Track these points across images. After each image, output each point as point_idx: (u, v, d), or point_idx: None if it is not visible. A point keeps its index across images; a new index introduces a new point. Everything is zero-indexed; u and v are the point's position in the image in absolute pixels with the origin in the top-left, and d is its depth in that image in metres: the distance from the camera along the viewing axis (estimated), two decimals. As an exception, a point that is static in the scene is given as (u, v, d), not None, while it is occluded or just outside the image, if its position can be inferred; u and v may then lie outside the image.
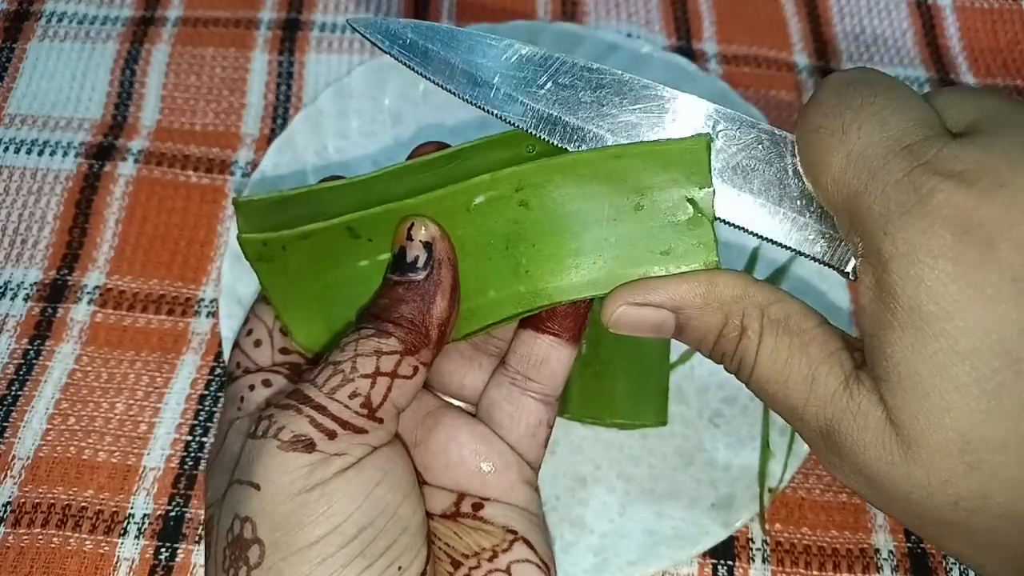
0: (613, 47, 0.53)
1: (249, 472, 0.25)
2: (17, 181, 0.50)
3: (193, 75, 0.54)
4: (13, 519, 0.41)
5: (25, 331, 0.46)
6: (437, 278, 0.27)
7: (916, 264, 0.21)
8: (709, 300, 0.26)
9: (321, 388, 0.26)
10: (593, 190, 0.27)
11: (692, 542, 0.40)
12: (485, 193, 0.27)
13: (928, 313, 0.21)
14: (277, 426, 0.26)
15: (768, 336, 0.25)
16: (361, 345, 0.26)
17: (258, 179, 0.48)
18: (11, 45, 0.55)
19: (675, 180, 0.26)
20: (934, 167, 0.22)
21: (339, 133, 0.51)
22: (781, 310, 0.25)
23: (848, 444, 0.23)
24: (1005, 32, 0.58)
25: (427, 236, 0.27)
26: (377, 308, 0.27)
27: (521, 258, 0.28)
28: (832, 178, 0.24)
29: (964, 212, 0.21)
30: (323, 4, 0.57)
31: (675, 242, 0.27)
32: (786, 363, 0.25)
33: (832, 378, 0.24)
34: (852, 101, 0.24)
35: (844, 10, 0.59)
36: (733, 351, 0.26)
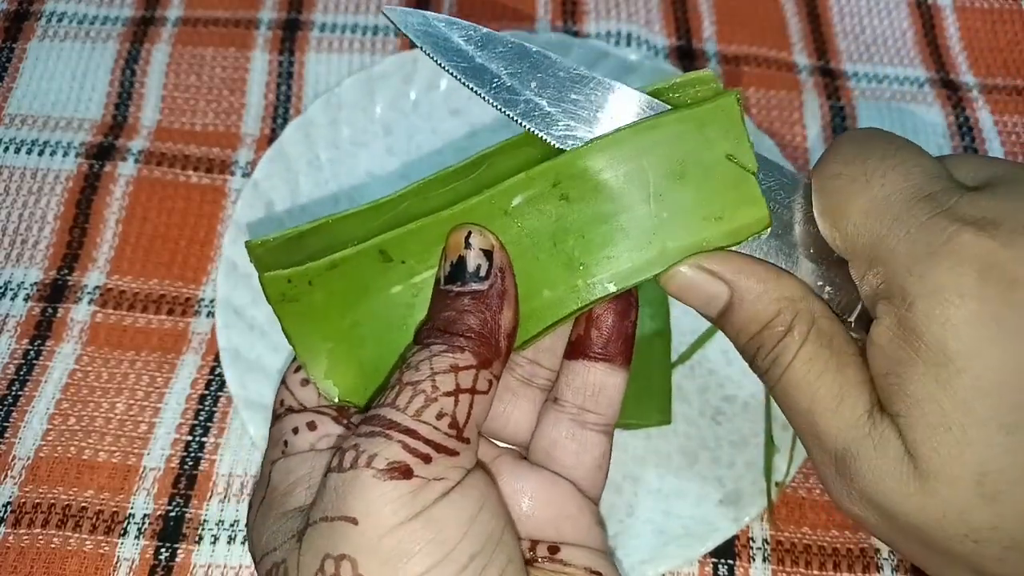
0: (603, 55, 0.53)
1: (340, 508, 0.24)
2: (17, 181, 0.50)
3: (193, 75, 0.54)
4: (13, 519, 0.41)
5: (25, 331, 0.46)
6: (501, 287, 0.26)
7: (942, 303, 0.22)
8: (770, 290, 0.26)
9: (405, 411, 0.25)
10: (632, 168, 0.26)
11: (702, 540, 0.40)
12: (522, 193, 0.27)
13: (953, 350, 0.22)
14: (368, 455, 0.24)
15: (811, 343, 0.25)
16: (436, 362, 0.25)
17: (251, 189, 0.48)
18: (11, 45, 0.55)
19: (711, 140, 0.26)
20: (956, 213, 0.23)
21: (330, 143, 0.51)
22: (830, 327, 0.26)
23: (863, 471, 0.24)
24: (1005, 32, 0.58)
25: (486, 244, 0.27)
26: (442, 322, 0.26)
27: (572, 251, 0.27)
28: (854, 222, 0.24)
29: (987, 254, 0.22)
30: (323, 4, 0.57)
31: (724, 204, 0.26)
32: (820, 375, 0.25)
33: (860, 404, 0.24)
34: (873, 152, 0.25)
35: (844, 10, 0.59)
36: (772, 346, 0.26)
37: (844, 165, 0.25)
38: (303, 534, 0.25)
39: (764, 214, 0.26)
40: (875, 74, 0.56)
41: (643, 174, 0.26)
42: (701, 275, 0.27)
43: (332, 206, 0.49)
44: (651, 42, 0.56)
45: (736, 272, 0.26)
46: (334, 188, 0.50)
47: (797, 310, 0.26)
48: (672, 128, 0.26)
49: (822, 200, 0.26)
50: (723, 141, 0.26)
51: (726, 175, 0.26)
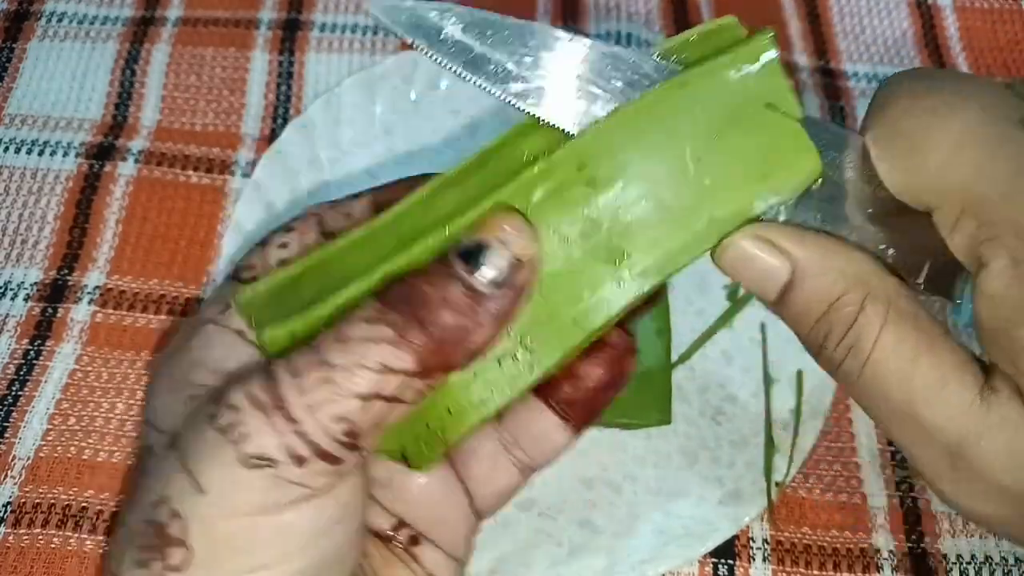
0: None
1: (196, 466, 0.22)
2: (17, 181, 0.50)
3: (193, 75, 0.54)
4: (13, 519, 0.41)
5: (25, 331, 0.46)
6: (504, 307, 0.22)
7: None
8: (837, 264, 0.23)
9: (304, 394, 0.21)
10: (664, 134, 0.23)
11: (702, 539, 0.40)
12: (542, 185, 0.23)
13: None
14: (241, 431, 0.21)
15: (894, 325, 0.22)
16: (370, 351, 0.21)
17: (251, 189, 0.48)
18: (11, 45, 0.55)
19: (748, 90, 0.23)
20: None
21: (331, 143, 0.51)
22: (911, 305, 0.23)
23: (989, 457, 0.21)
24: (1005, 32, 0.58)
25: (524, 253, 0.23)
26: (417, 295, 0.22)
27: (610, 240, 0.24)
28: (942, 159, 0.22)
29: None
30: (323, 4, 0.57)
31: (771, 159, 0.23)
32: (913, 359, 0.22)
33: (966, 388, 0.21)
34: (944, 83, 0.22)
35: (844, 10, 0.59)
36: (845, 330, 0.22)
37: (914, 100, 0.22)
38: (171, 447, 0.23)
39: (816, 163, 0.23)
40: (875, 74, 0.56)
41: (677, 138, 0.23)
42: (758, 245, 0.23)
43: (332, 206, 0.49)
44: (651, 42, 0.56)
45: (798, 243, 0.23)
46: (334, 188, 0.50)
47: (869, 287, 0.23)
48: (702, 83, 0.23)
49: (894, 145, 0.23)
50: (760, 88, 0.23)
51: (767, 127, 0.23)
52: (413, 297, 0.22)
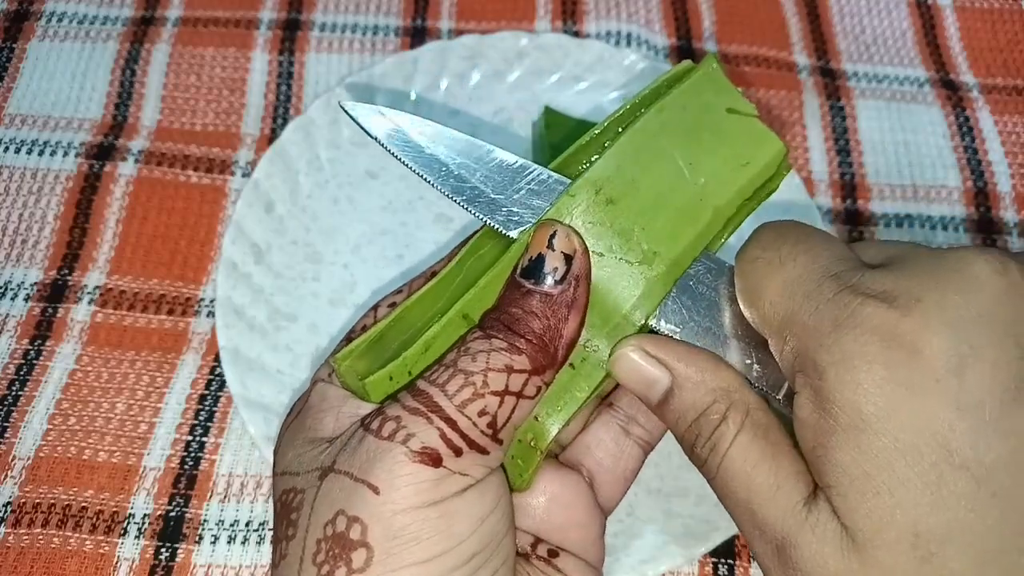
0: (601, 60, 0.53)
1: (368, 472, 0.25)
2: (17, 181, 0.50)
3: (193, 75, 0.54)
4: (13, 519, 0.41)
5: (25, 331, 0.46)
6: (573, 296, 0.27)
7: (851, 369, 0.23)
8: (707, 379, 0.27)
9: (451, 398, 0.25)
10: (656, 152, 0.28)
11: (702, 539, 0.40)
12: (570, 213, 0.28)
13: (868, 414, 0.23)
14: (407, 432, 0.25)
15: (747, 433, 0.26)
16: (493, 358, 0.26)
17: (251, 189, 0.48)
18: (11, 45, 0.55)
19: (710, 103, 0.29)
20: (858, 288, 0.24)
21: (331, 143, 0.51)
22: (764, 417, 0.26)
23: (804, 557, 0.24)
24: (1005, 32, 0.58)
25: (568, 247, 0.27)
26: (508, 317, 0.27)
27: (640, 245, 0.28)
28: (770, 301, 0.26)
29: (889, 323, 0.23)
30: (323, 4, 0.57)
31: (744, 151, 0.29)
32: (756, 464, 0.25)
33: (795, 492, 0.25)
34: (788, 238, 0.27)
35: (844, 10, 0.59)
36: (709, 434, 0.26)
37: (762, 250, 0.27)
38: (326, 475, 0.25)
39: (780, 145, 0.29)
40: (875, 74, 0.56)
41: (667, 152, 0.28)
42: (645, 358, 0.27)
43: (332, 205, 0.49)
44: (651, 42, 0.56)
45: (677, 358, 0.27)
46: (334, 188, 0.50)
47: (732, 400, 0.27)
48: (673, 105, 0.29)
49: (742, 282, 0.27)
50: (719, 99, 0.29)
51: (733, 127, 0.29)
52: (505, 319, 0.27)
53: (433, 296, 0.29)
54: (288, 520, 0.26)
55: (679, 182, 0.28)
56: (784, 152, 0.29)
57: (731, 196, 0.28)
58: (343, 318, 0.46)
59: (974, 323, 0.23)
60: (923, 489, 0.22)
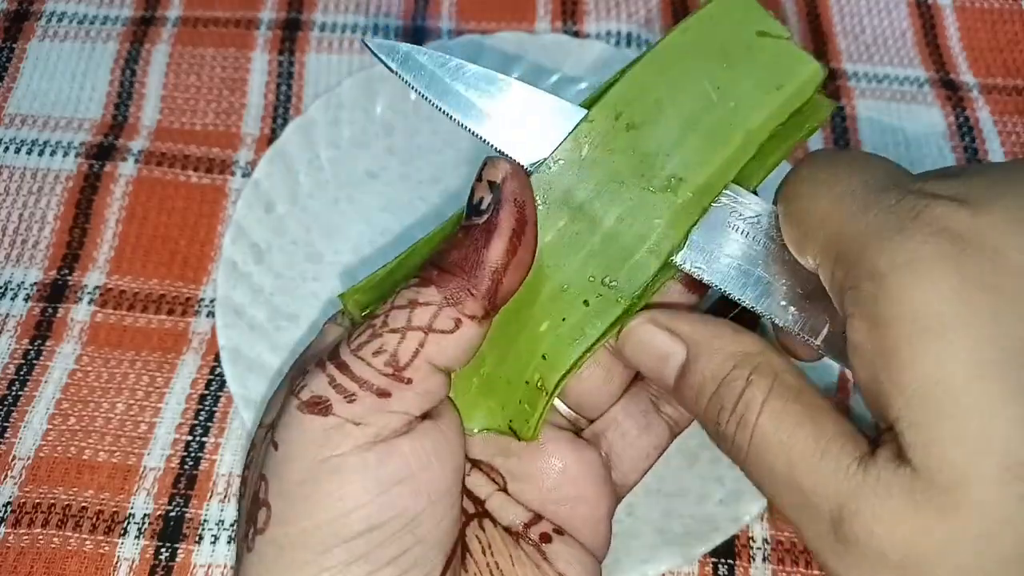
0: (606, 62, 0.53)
1: (276, 428, 0.24)
2: (17, 181, 0.50)
3: (193, 75, 0.54)
4: (13, 519, 0.41)
5: (25, 331, 0.46)
6: (494, 220, 0.25)
7: (921, 272, 0.20)
8: (726, 345, 0.25)
9: (350, 344, 0.24)
10: (682, 72, 0.27)
11: (703, 539, 0.40)
12: (587, 140, 0.26)
13: (944, 320, 0.20)
14: (301, 384, 0.24)
15: (776, 397, 0.23)
16: (398, 297, 0.25)
17: (251, 189, 0.48)
18: (11, 45, 0.55)
19: (739, 25, 0.28)
20: (926, 191, 0.22)
21: (331, 143, 0.50)
22: (796, 380, 0.24)
23: (870, 524, 0.21)
24: (1005, 32, 0.58)
25: (493, 175, 0.25)
26: (435, 256, 0.25)
27: (663, 172, 0.26)
28: (821, 218, 0.23)
29: (963, 224, 0.21)
30: (323, 4, 0.57)
31: (777, 73, 0.27)
32: (794, 430, 0.22)
33: (845, 454, 0.22)
34: (839, 159, 0.25)
35: (844, 10, 0.59)
36: (734, 403, 0.24)
37: (810, 169, 0.25)
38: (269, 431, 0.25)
39: (815, 65, 0.27)
40: (875, 74, 0.56)
41: (694, 74, 0.27)
42: (655, 331, 0.26)
43: (332, 205, 0.49)
44: (651, 42, 0.56)
45: (691, 327, 0.26)
46: (334, 188, 0.50)
47: (756, 363, 0.24)
48: (701, 26, 0.28)
49: (787, 207, 0.25)
50: (749, 22, 0.27)
51: (765, 49, 0.27)
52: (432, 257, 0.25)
53: (440, 236, 0.28)
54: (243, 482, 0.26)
55: (706, 105, 0.27)
56: (821, 74, 0.27)
57: (763, 120, 0.27)
58: (343, 318, 0.46)
59: None
60: (1019, 409, 0.19)
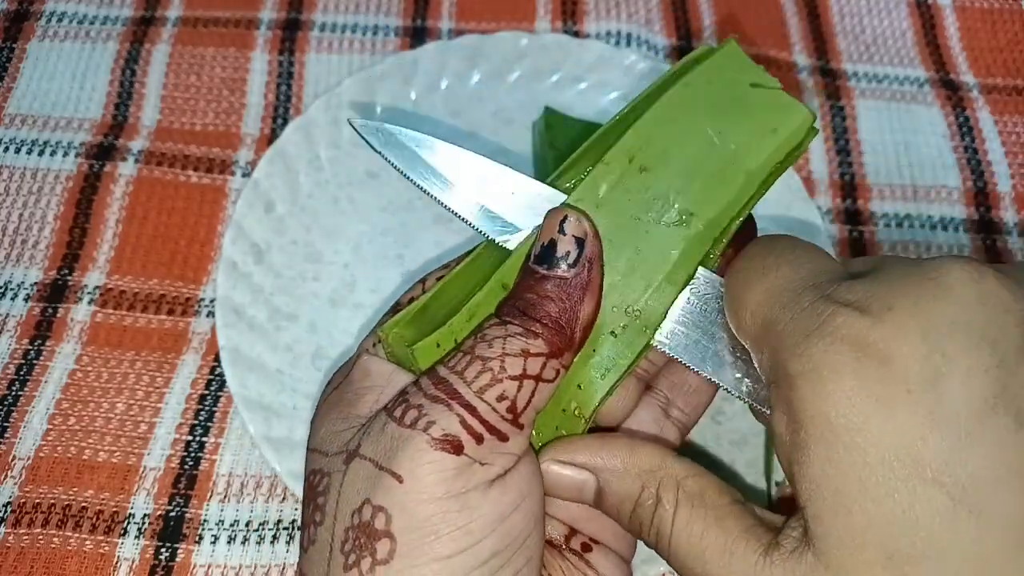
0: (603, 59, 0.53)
1: (392, 460, 0.25)
2: (17, 181, 0.50)
3: (193, 75, 0.54)
4: (13, 519, 0.41)
5: (25, 331, 0.46)
6: (587, 277, 0.27)
7: (820, 380, 0.23)
8: (628, 466, 0.27)
9: (470, 385, 0.25)
10: (686, 123, 0.29)
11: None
12: (605, 181, 0.29)
13: (837, 426, 0.22)
14: (428, 419, 0.25)
15: (683, 508, 0.26)
16: (509, 343, 0.26)
17: (251, 189, 0.48)
18: (11, 45, 0.55)
19: (733, 79, 0.30)
20: (833, 298, 0.24)
21: (331, 143, 0.51)
22: (696, 484, 0.26)
23: None
24: (1005, 32, 0.58)
25: (579, 231, 0.27)
26: (523, 303, 0.27)
27: (676, 208, 0.29)
28: (751, 311, 0.26)
29: (860, 332, 0.23)
30: (323, 4, 0.57)
31: (772, 119, 0.29)
32: (702, 535, 0.25)
33: (750, 551, 0.24)
34: (774, 250, 0.27)
35: (844, 10, 0.59)
36: (650, 521, 0.26)
37: (748, 261, 0.27)
38: (351, 460, 0.26)
39: (806, 111, 0.29)
40: (875, 74, 0.56)
41: (697, 123, 0.29)
42: (564, 469, 0.27)
43: (332, 205, 0.49)
44: (651, 42, 0.56)
45: (592, 455, 0.27)
46: (334, 188, 0.50)
47: (659, 479, 0.26)
48: (698, 80, 0.30)
49: (728, 292, 0.27)
50: (742, 76, 0.30)
51: (759, 98, 0.30)
52: (520, 304, 0.27)
53: (473, 268, 0.29)
54: (315, 504, 0.26)
55: (710, 149, 0.29)
56: (811, 118, 0.29)
57: (763, 161, 0.29)
58: (343, 318, 0.46)
59: (948, 331, 0.22)
60: (896, 506, 0.22)
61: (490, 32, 0.54)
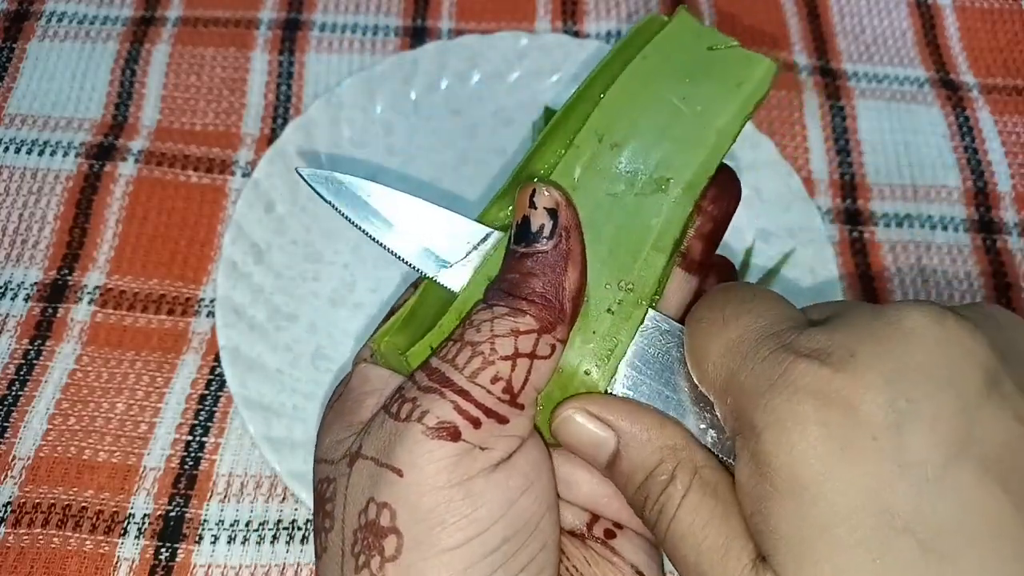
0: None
1: (390, 455, 0.24)
2: (17, 181, 0.50)
3: (193, 75, 0.54)
4: (13, 519, 0.41)
5: (25, 331, 0.46)
6: (566, 247, 0.26)
7: (785, 431, 0.22)
8: (653, 438, 0.26)
9: (462, 371, 0.25)
10: (650, 95, 0.29)
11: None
12: (578, 164, 0.29)
13: (803, 477, 0.22)
14: (422, 410, 0.25)
15: (694, 493, 0.25)
16: (497, 324, 0.25)
17: (251, 189, 0.48)
18: (11, 45, 0.55)
19: (690, 45, 0.30)
20: (793, 348, 0.24)
21: (331, 143, 0.51)
22: (713, 475, 0.26)
23: None
24: (1005, 32, 0.58)
25: (550, 202, 0.27)
26: (507, 284, 0.26)
27: (653, 177, 0.29)
28: (712, 362, 0.25)
29: (821, 381, 0.22)
30: (323, 4, 0.57)
31: (736, 75, 0.30)
32: (705, 524, 0.25)
33: (745, 554, 0.24)
34: (733, 299, 0.26)
35: (844, 10, 0.59)
36: (657, 496, 0.26)
37: (708, 311, 0.26)
38: (353, 462, 0.25)
39: (767, 61, 0.30)
40: (875, 74, 0.56)
41: (660, 94, 0.29)
42: (587, 422, 0.27)
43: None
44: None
45: (622, 417, 0.27)
46: (334, 188, 0.50)
47: (679, 459, 0.26)
48: (655, 52, 0.30)
49: (689, 343, 0.27)
50: (698, 41, 0.30)
51: (718, 59, 0.30)
52: (504, 286, 0.26)
53: None
54: (324, 511, 0.26)
55: (677, 116, 0.29)
56: (773, 67, 0.30)
57: (731, 117, 0.29)
58: (343, 318, 0.46)
59: (911, 376, 0.22)
60: (865, 556, 0.21)
61: (490, 32, 0.54)
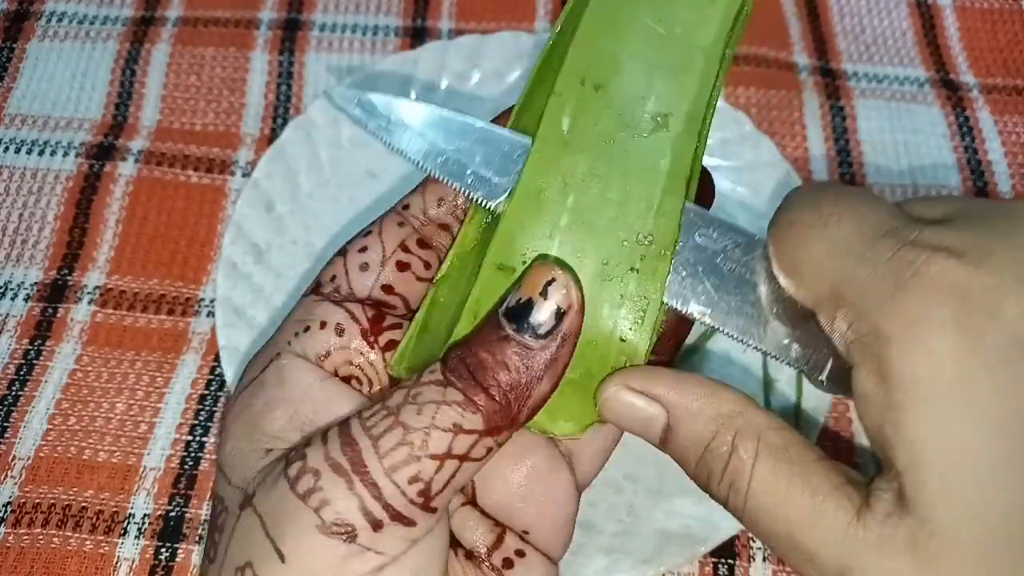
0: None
1: (278, 532, 0.22)
2: (17, 181, 0.50)
3: (193, 75, 0.54)
4: (13, 519, 0.41)
5: (25, 331, 0.46)
6: (553, 354, 0.23)
7: (921, 335, 0.21)
8: (705, 407, 0.24)
9: (382, 459, 0.22)
10: (622, 23, 0.27)
11: (702, 539, 0.40)
12: (564, 113, 0.26)
13: (944, 384, 0.20)
14: (322, 497, 0.22)
15: (764, 461, 0.23)
16: (441, 414, 0.22)
17: (251, 189, 0.48)
18: (11, 45, 0.55)
19: None
20: (921, 243, 0.22)
21: (331, 142, 0.51)
22: (780, 437, 0.24)
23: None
24: (1005, 32, 0.58)
25: (564, 302, 0.24)
26: (476, 361, 0.23)
27: (647, 115, 0.26)
28: (814, 267, 0.23)
29: (960, 281, 0.21)
30: (323, 4, 0.57)
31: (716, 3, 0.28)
32: (786, 493, 0.23)
33: (842, 512, 0.22)
34: (827, 197, 0.24)
35: (844, 10, 0.59)
36: (721, 471, 0.24)
37: (798, 213, 0.24)
38: (245, 507, 0.23)
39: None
40: (875, 74, 0.56)
41: (634, 20, 0.27)
42: (632, 399, 0.25)
43: (332, 205, 0.49)
44: None
45: (668, 389, 0.25)
46: (334, 188, 0.50)
47: (737, 427, 0.24)
48: None
49: (780, 251, 0.24)
50: None
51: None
52: (472, 362, 0.23)
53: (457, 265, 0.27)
54: (212, 540, 0.24)
55: (658, 41, 0.27)
56: None
57: (714, 34, 0.27)
58: (343, 318, 0.46)
59: None
60: (1016, 472, 0.20)
61: (490, 32, 0.54)
